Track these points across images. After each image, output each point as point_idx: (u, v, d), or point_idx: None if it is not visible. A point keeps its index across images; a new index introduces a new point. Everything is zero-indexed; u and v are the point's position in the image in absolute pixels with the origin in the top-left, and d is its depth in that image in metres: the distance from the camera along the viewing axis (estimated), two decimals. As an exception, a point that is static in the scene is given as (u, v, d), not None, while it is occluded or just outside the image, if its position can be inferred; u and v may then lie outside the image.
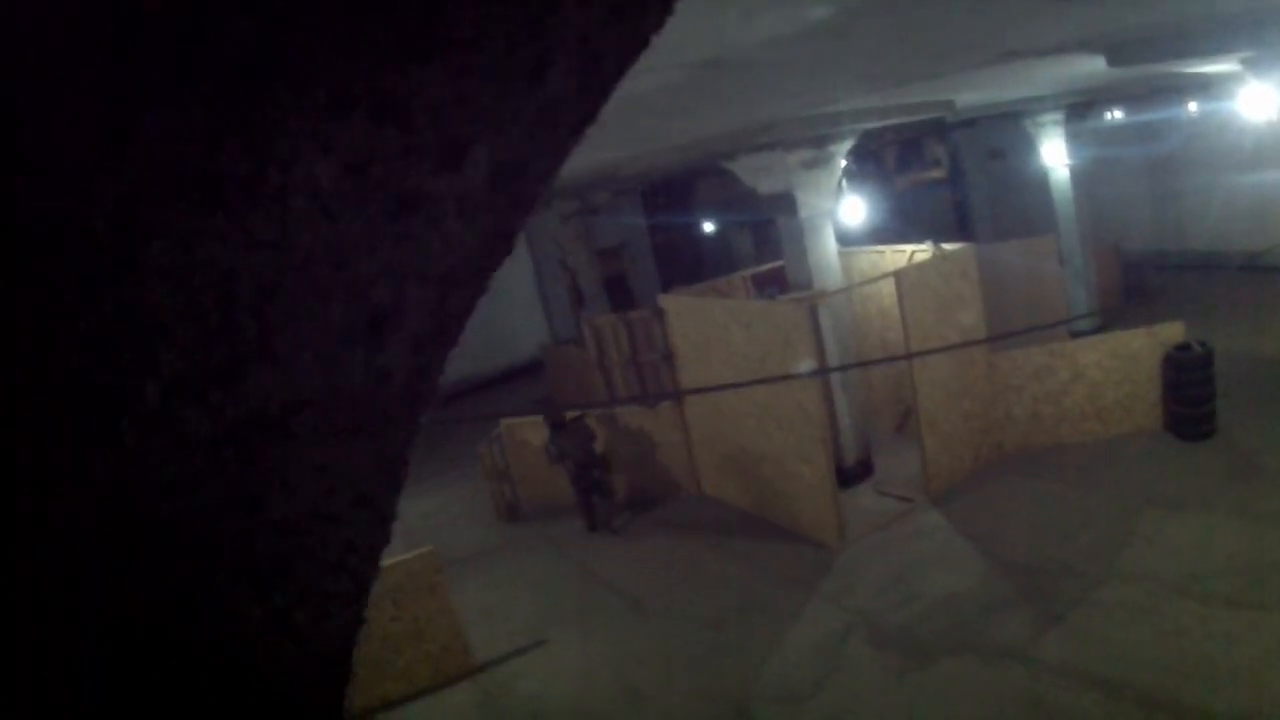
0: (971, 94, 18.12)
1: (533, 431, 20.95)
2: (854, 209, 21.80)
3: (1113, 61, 11.79)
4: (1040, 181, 28.03)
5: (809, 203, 18.79)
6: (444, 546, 16.55)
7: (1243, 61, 11.24)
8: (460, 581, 16.84)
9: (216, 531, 2.19)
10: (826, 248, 19.29)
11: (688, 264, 37.53)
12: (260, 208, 1.77)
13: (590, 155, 15.10)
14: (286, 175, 1.76)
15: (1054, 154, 26.63)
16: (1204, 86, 23.67)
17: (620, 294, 35.31)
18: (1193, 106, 29.46)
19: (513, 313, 36.16)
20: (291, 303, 1.92)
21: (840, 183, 20.10)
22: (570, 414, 19.55)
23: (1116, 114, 32.08)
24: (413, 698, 14.59)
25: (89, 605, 2.11)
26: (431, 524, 21.78)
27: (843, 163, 19.17)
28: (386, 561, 13.34)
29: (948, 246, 19.57)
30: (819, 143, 18.27)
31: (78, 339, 1.80)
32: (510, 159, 1.98)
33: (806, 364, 16.41)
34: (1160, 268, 31.35)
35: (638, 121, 10.69)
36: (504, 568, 19.01)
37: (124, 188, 1.69)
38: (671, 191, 37.82)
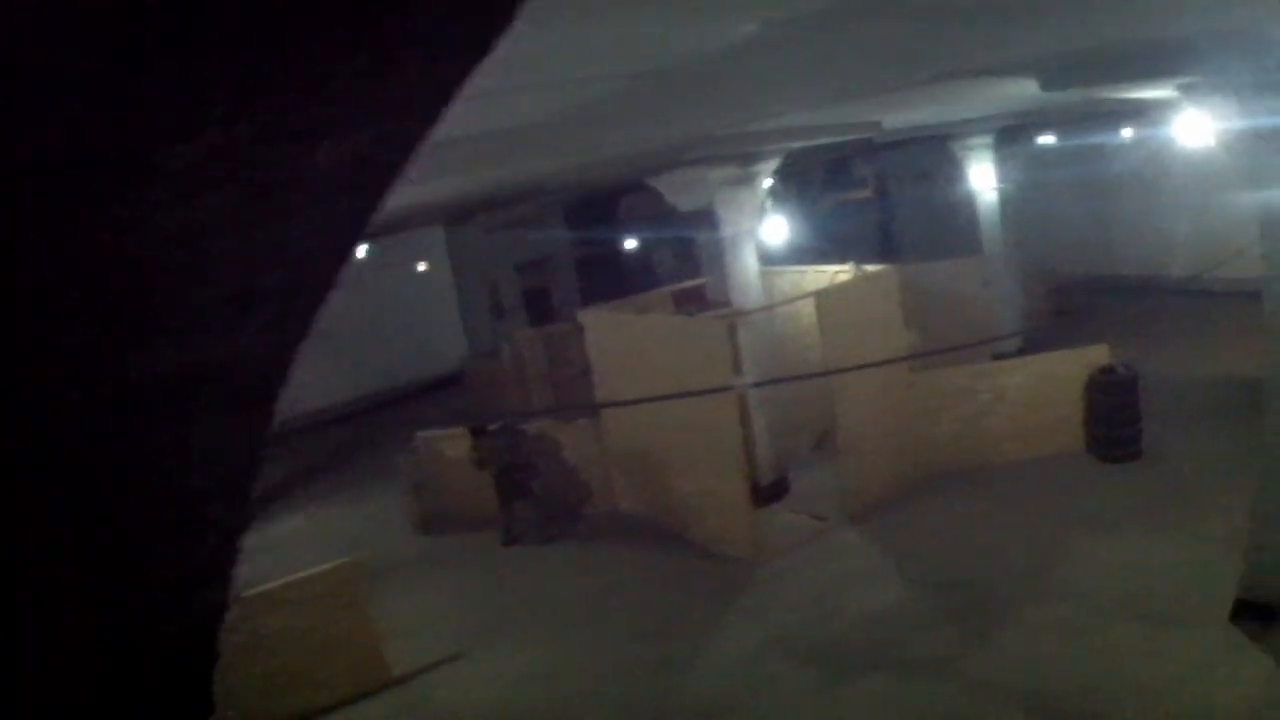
0: (901, 114, 18.09)
1: (450, 444, 20.85)
2: (777, 228, 21.75)
3: (1045, 86, 11.75)
4: (968, 204, 28.04)
5: (731, 221, 18.80)
6: (363, 558, 16.24)
7: (1180, 88, 11.21)
8: (380, 593, 16.63)
9: (80, 507, 2.23)
10: (747, 266, 19.27)
11: (610, 280, 37.43)
12: (124, 191, 1.79)
13: (517, 168, 14.99)
14: (148, 160, 1.76)
15: (982, 177, 26.63)
16: (1140, 112, 23.74)
17: (541, 308, 35.30)
18: (1128, 132, 29.63)
19: (434, 325, 36.04)
20: (153, 282, 1.97)
21: (764, 202, 20.07)
22: (492, 425, 19.34)
23: (1049, 138, 32.19)
24: (333, 708, 14.41)
25: None
26: (352, 535, 21.49)
27: (767, 181, 19.20)
28: (307, 572, 13.17)
29: (870, 268, 19.51)
30: (744, 161, 18.26)
31: None
32: (358, 152, 2.02)
33: (740, 379, 16.40)
34: (1091, 291, 31.51)
35: (561, 134, 10.57)
36: (423, 579, 18.92)
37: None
38: (596, 207, 37.84)
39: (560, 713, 13.64)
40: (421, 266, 35.61)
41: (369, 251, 29.24)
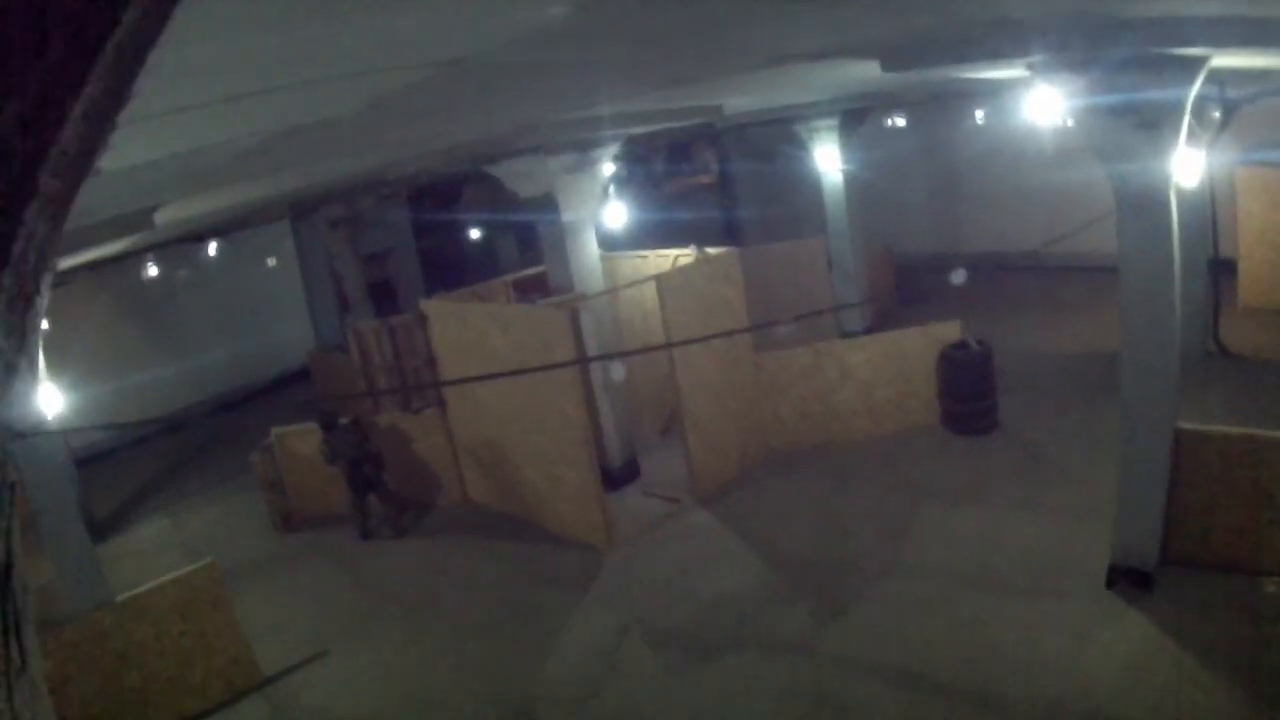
0: (742, 98, 18.02)
1: (302, 440, 20.59)
2: (617, 213, 21.63)
3: (886, 66, 11.69)
4: (813, 186, 28.14)
5: (571, 207, 18.84)
6: (223, 558, 16.04)
7: (1029, 66, 11.19)
8: (241, 593, 16.39)
9: None
10: (588, 252, 19.39)
11: (453, 269, 37.41)
12: None
13: (349, 159, 14.72)
14: None
15: (827, 159, 26.73)
16: (990, 91, 23.88)
17: (386, 300, 35.20)
18: (979, 112, 29.95)
19: (282, 321, 35.69)
20: None
21: (605, 188, 19.97)
22: (342, 420, 19.23)
23: (899, 121, 32.42)
24: (210, 712, 14.20)
25: None
26: (209, 536, 21.36)
27: (608, 167, 19.19)
28: (170, 576, 12.87)
29: (712, 250, 19.45)
30: (582, 147, 18.28)
31: None
32: (29, 116, 1.98)
33: (618, 370, 16.39)
34: (938, 270, 31.64)
35: (388, 124, 10.35)
36: (283, 578, 18.64)
37: None
38: (438, 196, 37.90)
39: (427, 705, 13.52)
40: (271, 261, 35.23)
41: (219, 249, 28.82)
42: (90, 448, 26.73)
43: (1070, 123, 12.54)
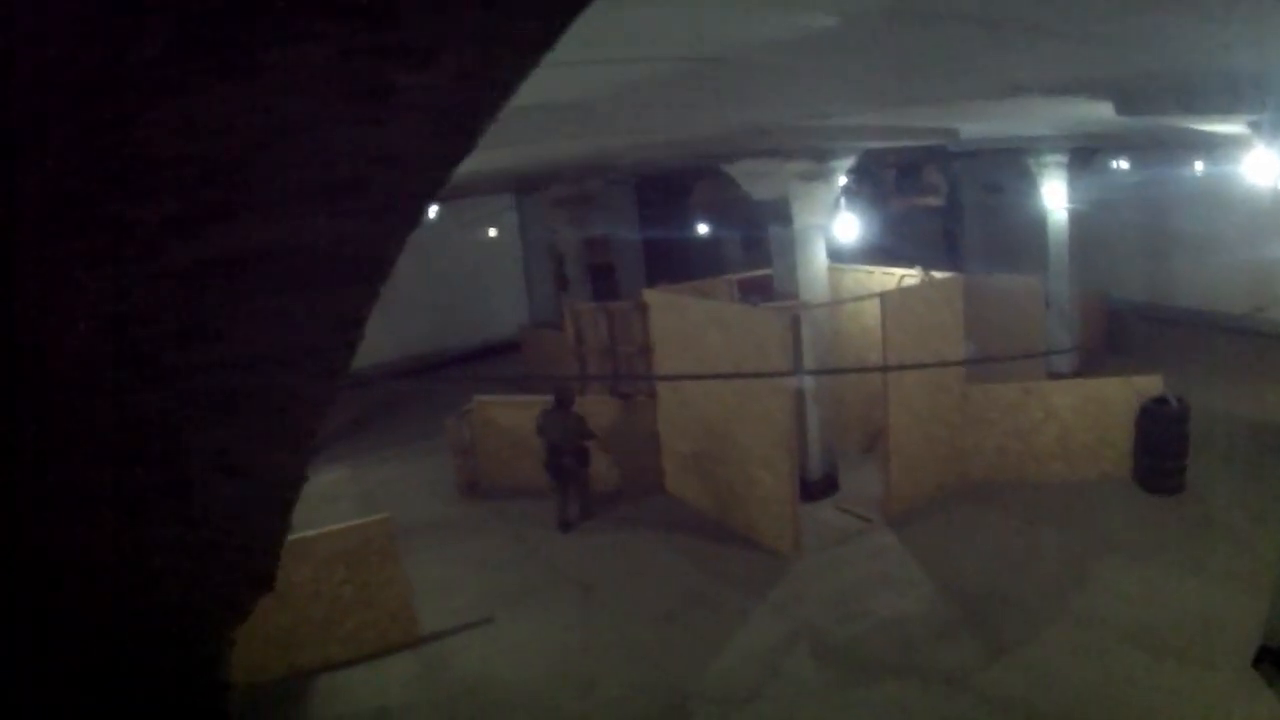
0: (977, 125, 18.03)
1: (501, 411, 20.95)
2: (848, 226, 21.72)
3: (1120, 110, 11.74)
4: (1035, 220, 27.85)
5: (803, 214, 18.77)
6: (401, 516, 16.52)
7: (1250, 125, 11.16)
8: (413, 552, 16.69)
9: (180, 356, 2.42)
10: (816, 261, 19.28)
11: (676, 262, 37.21)
12: (257, 78, 2.00)
13: (587, 141, 15.04)
14: (283, 54, 2.00)
15: (1054, 195, 26.40)
16: (1210, 146, 23.61)
17: (605, 284, 35.02)
18: (1198, 165, 29.37)
19: (498, 291, 36.23)
20: (272, 161, 2.16)
21: (838, 198, 20.06)
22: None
23: (1121, 163, 31.92)
24: (355, 663, 14.51)
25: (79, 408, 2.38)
26: (391, 492, 21.74)
27: (842, 179, 19.16)
28: (341, 525, 13.20)
29: (937, 274, 19.49)
30: (819, 156, 18.23)
31: (94, 169, 2.06)
32: (472, 67, 2.15)
33: (808, 381, 16.50)
34: (1147, 320, 31.25)
35: (633, 112, 10.63)
36: (458, 543, 18.92)
37: (142, 53, 1.91)
38: (667, 188, 37.63)
39: (578, 684, 13.75)
40: (492, 232, 35.77)
41: (438, 213, 29.30)
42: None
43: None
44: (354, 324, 2.60)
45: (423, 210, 2.49)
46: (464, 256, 34.26)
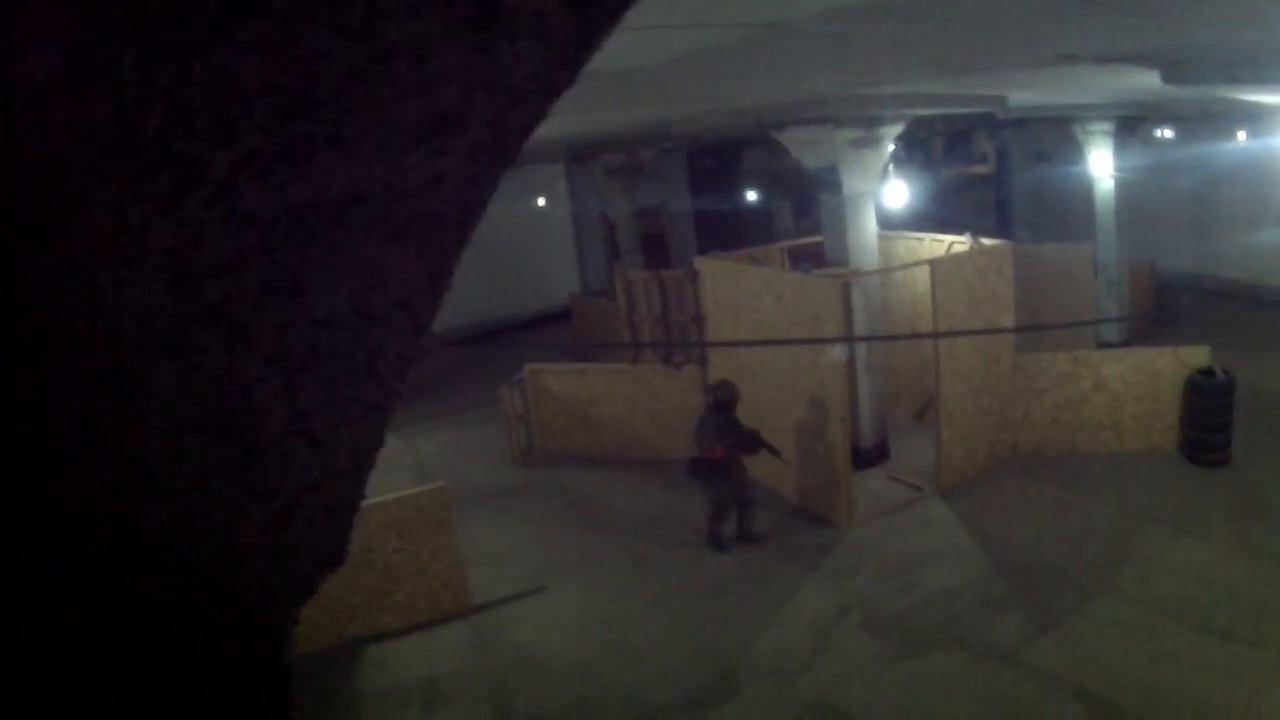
0: (1025, 93, 18.03)
1: (555, 379, 21.07)
2: (898, 193, 21.71)
3: (1167, 79, 11.72)
4: (1083, 189, 27.71)
5: (854, 182, 18.77)
6: (454, 484, 16.64)
7: None
8: (466, 520, 16.74)
9: (257, 314, 2.25)
10: (866, 228, 19.27)
11: (727, 230, 37.15)
12: None
13: (641, 112, 15.07)
14: None
15: (1101, 164, 26.21)
16: (1258, 117, 23.47)
17: (657, 252, 35.27)
18: (1242, 136, 29.14)
19: (550, 259, 36.45)
20: (368, 92, 1.99)
21: (887, 166, 20.05)
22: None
23: (1168, 133, 31.74)
24: (407, 631, 14.66)
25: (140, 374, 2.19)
26: (444, 461, 21.91)
27: (891, 146, 19.15)
28: (395, 494, 13.21)
29: (986, 241, 19.49)
30: (869, 123, 18.23)
31: (163, 102, 1.86)
32: None
33: (839, 348, 16.41)
34: (1194, 291, 31.03)
35: (688, 80, 10.68)
36: (511, 511, 19.05)
37: None
38: (719, 156, 37.58)
39: (629, 655, 13.84)
40: (541, 201, 35.94)
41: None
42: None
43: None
44: (444, 275, 2.51)
45: (520, 148, 2.35)
46: (515, 225, 34.08)
